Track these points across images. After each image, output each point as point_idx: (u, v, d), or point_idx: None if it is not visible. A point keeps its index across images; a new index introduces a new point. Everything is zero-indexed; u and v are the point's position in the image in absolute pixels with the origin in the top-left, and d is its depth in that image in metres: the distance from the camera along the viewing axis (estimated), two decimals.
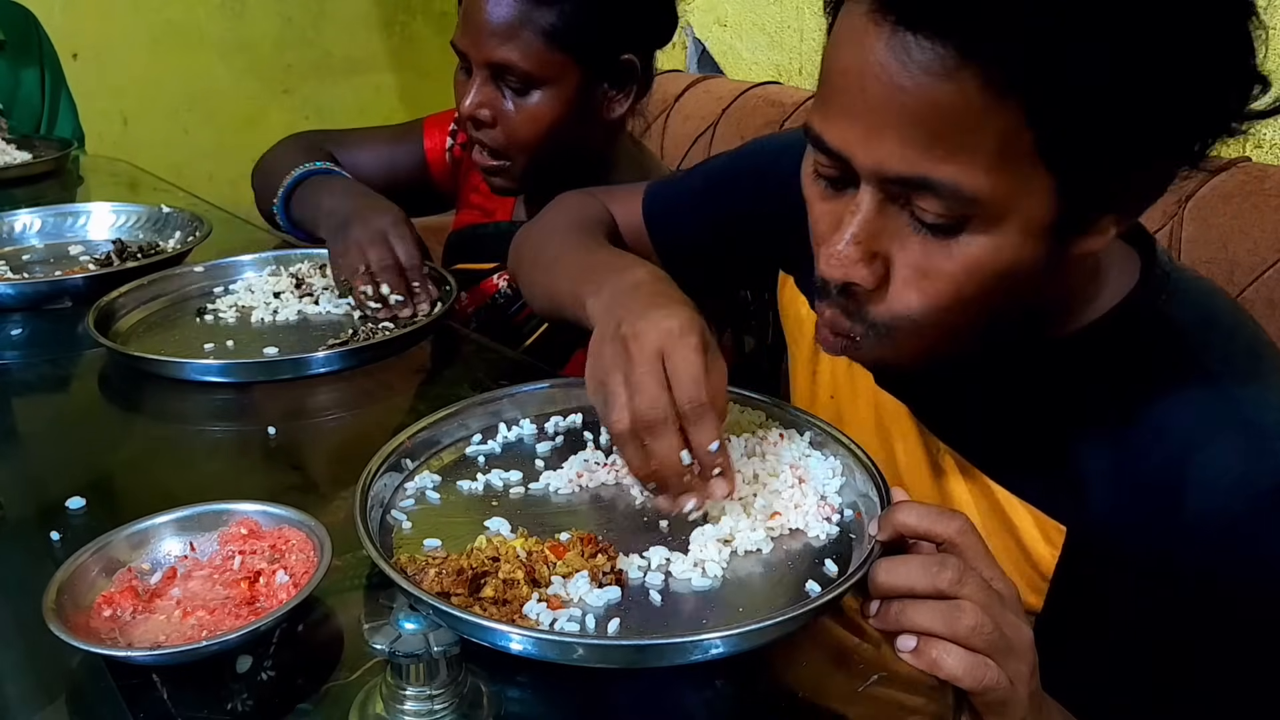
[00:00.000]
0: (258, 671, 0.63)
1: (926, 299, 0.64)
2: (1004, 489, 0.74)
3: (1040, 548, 0.72)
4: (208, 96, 2.95)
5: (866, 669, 0.64)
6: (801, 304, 0.94)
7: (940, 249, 0.62)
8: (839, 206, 0.66)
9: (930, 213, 0.61)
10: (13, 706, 0.65)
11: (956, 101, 0.57)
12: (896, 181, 0.61)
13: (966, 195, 0.59)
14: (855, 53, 0.60)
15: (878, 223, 0.64)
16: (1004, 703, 0.61)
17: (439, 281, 1.19)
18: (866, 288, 0.65)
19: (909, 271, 0.64)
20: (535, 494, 0.79)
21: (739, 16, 2.17)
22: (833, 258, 0.65)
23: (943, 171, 0.59)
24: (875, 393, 0.85)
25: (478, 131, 1.19)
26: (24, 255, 1.41)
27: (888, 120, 0.60)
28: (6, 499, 0.84)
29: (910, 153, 0.60)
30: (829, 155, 0.64)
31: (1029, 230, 0.61)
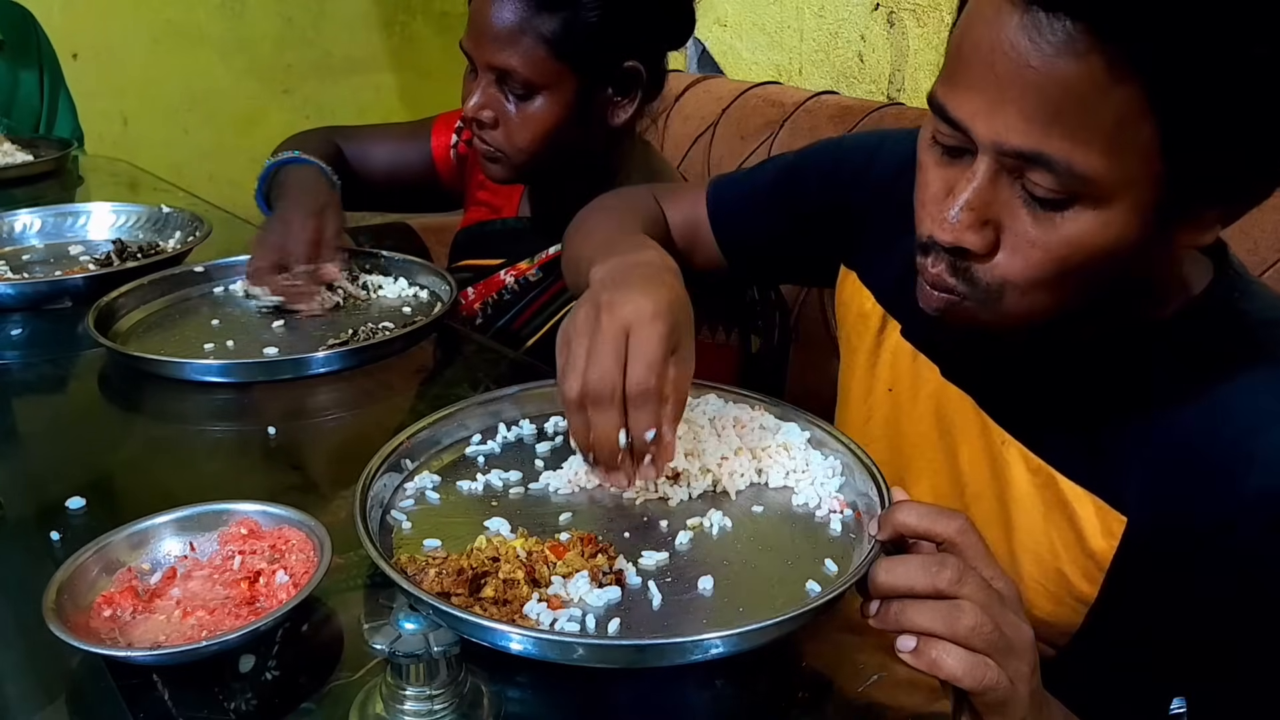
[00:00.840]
0: (258, 671, 0.63)
1: (1030, 268, 0.66)
2: (1068, 479, 0.75)
3: (1100, 538, 0.73)
4: (208, 96, 2.95)
5: (866, 669, 0.64)
6: (865, 298, 0.95)
7: (1047, 222, 0.65)
8: (953, 174, 0.68)
9: (1041, 187, 0.63)
10: (13, 706, 0.65)
11: (1082, 82, 0.59)
12: (1013, 155, 0.63)
13: (1079, 174, 0.61)
14: (987, 29, 0.62)
15: (990, 192, 0.66)
16: (1004, 702, 0.61)
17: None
18: (975, 252, 0.67)
19: (1016, 240, 0.66)
20: (535, 494, 0.79)
21: (739, 16, 2.17)
22: (945, 222, 0.67)
23: (1059, 149, 0.61)
24: (940, 385, 0.86)
25: (480, 131, 1.20)
26: (24, 255, 1.41)
27: (1012, 95, 0.62)
28: (6, 499, 0.84)
29: (1030, 128, 0.62)
30: (950, 125, 0.66)
31: (1135, 213, 0.63)
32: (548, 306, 1.27)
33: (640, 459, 0.73)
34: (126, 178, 1.93)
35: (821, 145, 1.04)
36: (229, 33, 2.95)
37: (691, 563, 0.70)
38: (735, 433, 0.82)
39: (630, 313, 0.72)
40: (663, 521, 0.75)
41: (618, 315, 0.72)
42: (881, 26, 1.87)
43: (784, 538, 0.73)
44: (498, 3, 1.13)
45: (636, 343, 0.71)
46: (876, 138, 0.98)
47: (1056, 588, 0.75)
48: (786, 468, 0.79)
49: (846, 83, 1.95)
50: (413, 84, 3.27)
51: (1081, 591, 0.74)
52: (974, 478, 0.82)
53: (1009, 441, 0.79)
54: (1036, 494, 0.77)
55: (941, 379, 0.86)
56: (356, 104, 3.19)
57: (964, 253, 0.68)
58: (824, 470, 0.79)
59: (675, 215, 1.07)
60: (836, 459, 0.80)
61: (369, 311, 1.19)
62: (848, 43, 1.94)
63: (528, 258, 1.29)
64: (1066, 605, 0.75)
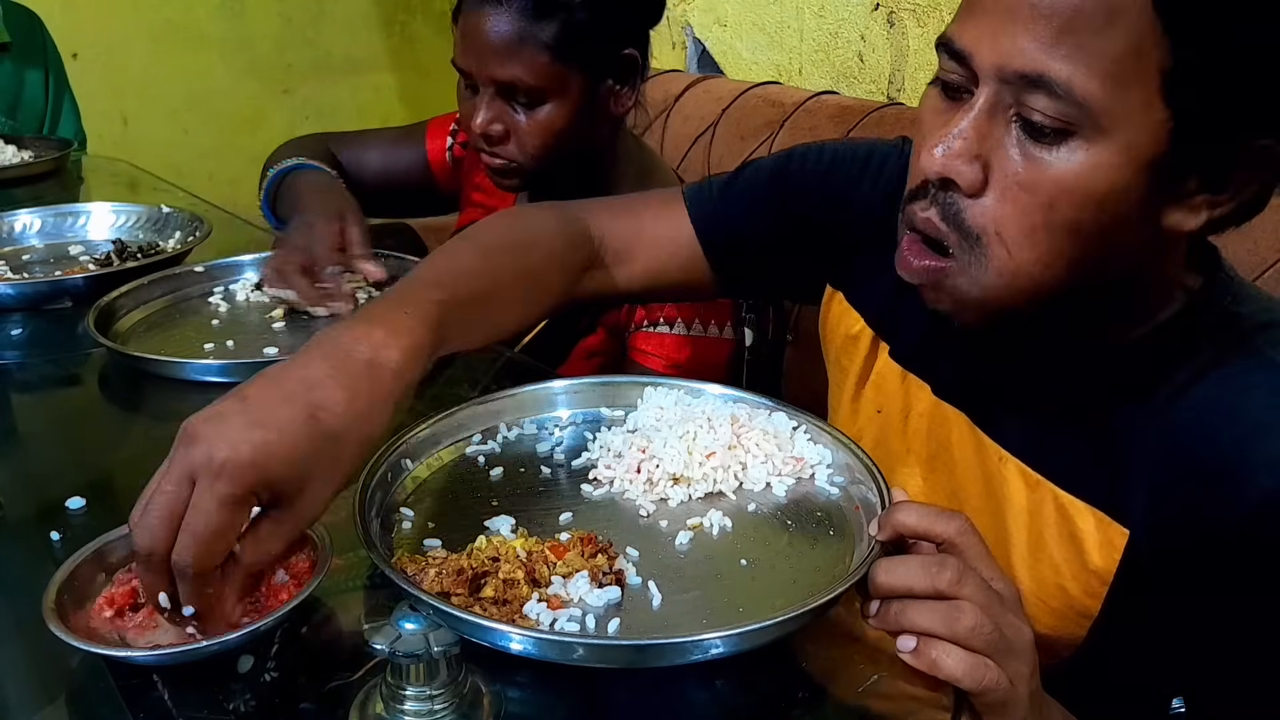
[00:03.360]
0: (258, 672, 0.63)
1: (1018, 213, 0.65)
2: (1068, 494, 0.74)
3: (1101, 551, 0.72)
4: (208, 96, 2.95)
5: (866, 669, 0.64)
6: (853, 321, 0.94)
7: (1040, 159, 0.64)
8: (951, 109, 0.68)
9: (1038, 112, 0.63)
10: (13, 706, 0.65)
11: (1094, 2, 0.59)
12: (1015, 79, 0.63)
13: (1078, 98, 0.61)
14: None
15: (985, 125, 0.66)
16: (1004, 703, 0.61)
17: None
18: (963, 186, 0.67)
19: (1006, 182, 0.66)
20: (535, 493, 0.79)
21: (739, 16, 2.17)
22: (935, 150, 0.67)
23: (1060, 70, 0.61)
24: (933, 405, 0.85)
25: (491, 147, 1.19)
26: (24, 255, 1.41)
27: (1021, 14, 0.62)
28: (6, 499, 0.84)
29: (1034, 47, 0.61)
30: (954, 57, 0.66)
31: (1129, 158, 0.62)
32: None
33: None
34: (126, 178, 1.93)
35: (807, 153, 0.98)
36: (229, 33, 2.95)
37: (691, 563, 0.70)
38: (734, 432, 0.82)
39: (198, 455, 0.61)
40: (663, 521, 0.75)
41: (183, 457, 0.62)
42: (881, 26, 1.87)
43: (784, 537, 0.73)
44: (493, 17, 1.13)
45: (191, 508, 0.60)
46: (864, 149, 0.95)
47: (1058, 603, 0.75)
48: (786, 468, 0.79)
49: (846, 83, 1.95)
50: (413, 84, 3.27)
51: (1084, 606, 0.73)
52: (970, 496, 0.81)
53: (1006, 458, 0.78)
54: (1035, 510, 0.76)
55: (934, 398, 0.85)
56: (356, 104, 3.19)
57: (952, 189, 0.67)
58: (824, 470, 0.79)
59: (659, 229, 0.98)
60: (837, 459, 0.80)
61: None
62: (848, 43, 1.94)
63: None
64: (1069, 620, 0.74)
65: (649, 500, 0.77)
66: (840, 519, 0.75)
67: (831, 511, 0.76)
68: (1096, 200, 0.64)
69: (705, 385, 0.88)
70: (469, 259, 0.86)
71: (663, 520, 0.75)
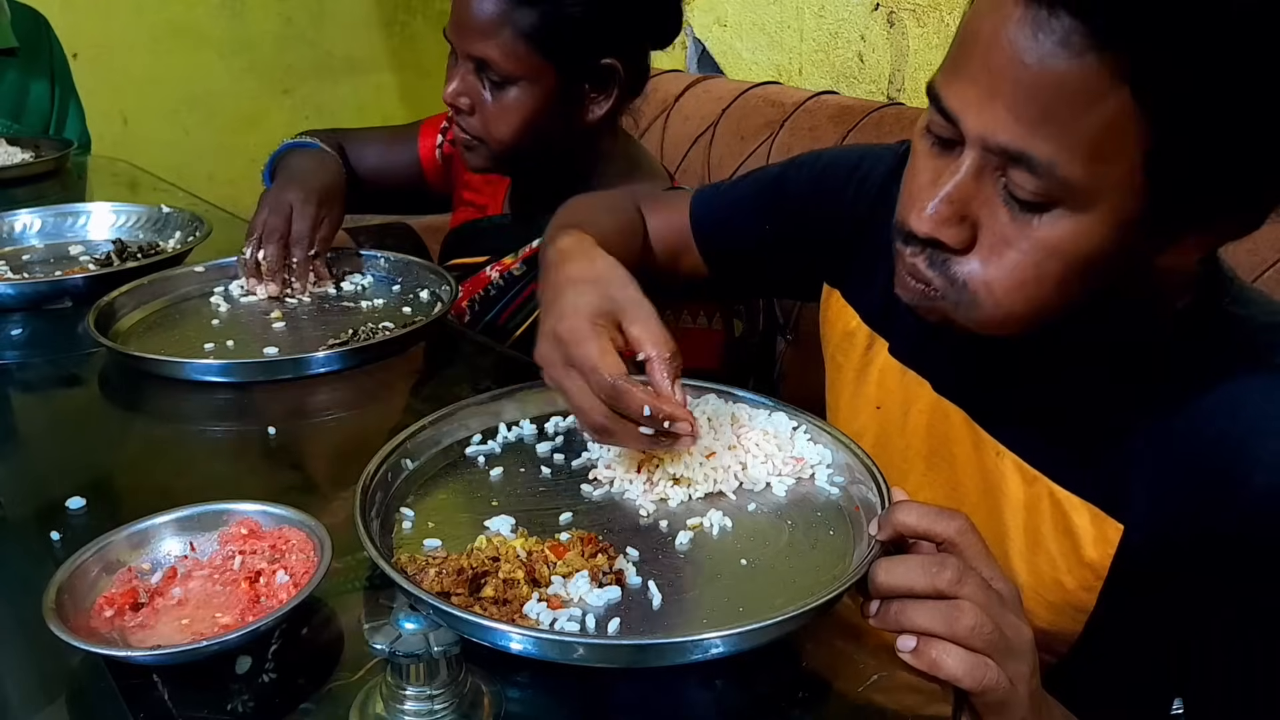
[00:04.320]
0: (258, 672, 0.63)
1: (1004, 270, 0.66)
2: (1064, 489, 0.75)
3: (1096, 546, 0.73)
4: (208, 96, 2.95)
5: (866, 669, 0.64)
6: (850, 317, 0.95)
7: (1024, 223, 0.64)
8: (940, 165, 0.68)
9: (1022, 188, 0.63)
10: (13, 706, 0.65)
11: (1075, 84, 0.59)
12: (999, 151, 0.63)
13: (1061, 178, 0.61)
14: (988, 20, 0.62)
15: (972, 187, 0.66)
16: (1004, 703, 0.61)
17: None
18: (952, 245, 0.67)
19: (993, 239, 0.66)
20: (535, 493, 0.79)
21: (739, 16, 2.17)
22: (924, 213, 0.67)
23: (1044, 150, 0.61)
24: (932, 401, 0.85)
25: (457, 116, 1.23)
26: (24, 255, 1.41)
27: (1004, 90, 0.62)
28: (6, 499, 0.84)
29: (1019, 126, 0.61)
30: (943, 114, 0.66)
31: (1112, 226, 0.63)
32: (533, 298, 1.28)
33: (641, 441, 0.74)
34: (126, 178, 1.93)
35: (804, 160, 1.03)
36: (229, 33, 2.95)
37: (691, 563, 0.70)
38: (734, 432, 0.82)
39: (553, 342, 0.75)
40: (663, 522, 0.75)
41: (555, 348, 0.75)
42: (881, 26, 1.87)
43: (783, 537, 0.73)
44: None
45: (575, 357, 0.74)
46: (856, 155, 0.97)
47: (1055, 597, 0.75)
48: (786, 467, 0.79)
49: (846, 83, 1.95)
50: (413, 84, 3.27)
51: (1080, 600, 0.74)
52: (968, 492, 0.82)
53: (1003, 453, 0.79)
54: (1032, 505, 0.76)
55: (933, 394, 0.85)
56: (356, 104, 3.19)
57: (940, 245, 0.68)
58: (824, 470, 0.79)
59: (658, 223, 1.06)
60: (837, 459, 0.80)
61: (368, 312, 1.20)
62: (848, 43, 1.94)
63: (511, 252, 1.30)
64: (1066, 615, 0.75)
65: (649, 500, 0.77)
66: (840, 519, 0.75)
67: (831, 511, 0.76)
68: (1084, 259, 0.64)
69: (705, 385, 0.88)
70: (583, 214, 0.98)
71: (663, 520, 0.75)
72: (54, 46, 2.20)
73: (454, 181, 1.47)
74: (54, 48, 2.19)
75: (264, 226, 1.20)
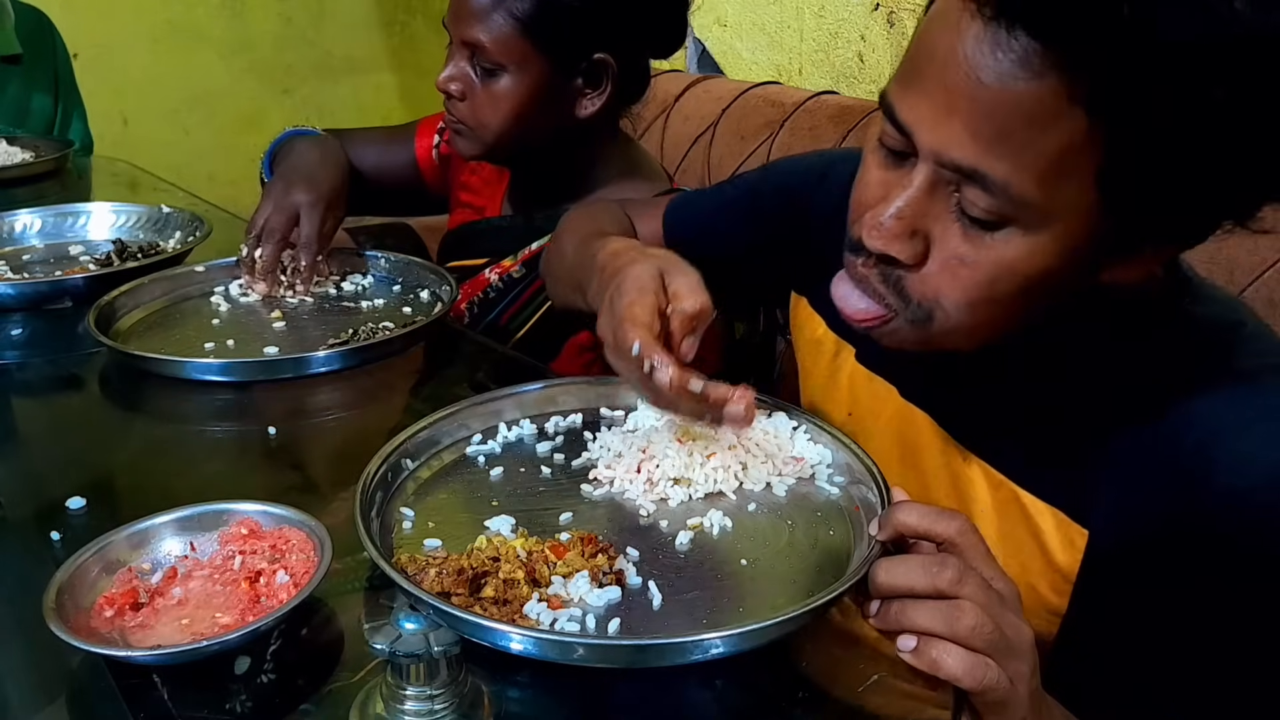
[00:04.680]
0: (258, 672, 0.63)
1: (959, 286, 0.66)
2: (1030, 494, 0.75)
3: (1063, 551, 0.73)
4: (208, 96, 2.95)
5: (866, 669, 0.64)
6: (817, 324, 0.95)
7: (977, 240, 0.64)
8: (892, 178, 0.67)
9: (975, 206, 0.63)
10: (13, 706, 0.65)
11: (1032, 104, 0.58)
12: (952, 168, 0.63)
13: (1015, 197, 0.61)
14: (946, 35, 0.61)
15: (924, 203, 0.65)
16: (1004, 703, 0.61)
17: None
18: (904, 260, 0.67)
19: (946, 255, 0.65)
20: (535, 493, 0.79)
21: (739, 16, 2.16)
22: (876, 228, 0.66)
23: (998, 169, 0.60)
24: (900, 406, 0.85)
25: (449, 102, 1.23)
26: (24, 255, 1.41)
27: (960, 107, 0.61)
28: (6, 499, 0.84)
29: (974, 143, 0.61)
30: (896, 127, 0.65)
31: (1065, 244, 0.63)
32: (532, 301, 1.28)
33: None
34: (126, 178, 1.93)
35: (774, 168, 1.04)
36: (229, 33, 2.95)
37: (691, 563, 0.70)
38: (734, 432, 0.82)
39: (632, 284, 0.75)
40: (663, 521, 0.75)
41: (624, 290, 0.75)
42: (881, 26, 1.87)
43: (783, 538, 0.73)
44: None
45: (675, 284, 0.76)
46: (824, 162, 0.97)
47: (1029, 601, 0.74)
48: (786, 467, 0.79)
49: (846, 83, 1.95)
50: (413, 84, 3.27)
51: (1052, 604, 0.74)
52: (938, 496, 0.82)
53: (970, 458, 0.79)
54: (1001, 509, 0.76)
55: (900, 400, 0.85)
56: (356, 104, 3.19)
57: (892, 261, 0.67)
58: (824, 470, 0.79)
59: (644, 231, 1.07)
60: (837, 459, 0.80)
61: (368, 312, 1.20)
62: (848, 43, 1.94)
63: (510, 255, 1.30)
64: (1040, 618, 0.75)
65: (649, 500, 0.77)
66: (840, 519, 0.75)
67: (831, 511, 0.76)
68: (1037, 277, 0.64)
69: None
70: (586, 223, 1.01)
71: (663, 520, 0.75)
72: (58, 49, 2.19)
73: (451, 182, 1.47)
74: (58, 50, 2.19)
75: (265, 225, 1.19)
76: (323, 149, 1.32)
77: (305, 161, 1.27)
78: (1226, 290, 0.77)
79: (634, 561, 0.69)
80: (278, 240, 1.19)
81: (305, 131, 1.39)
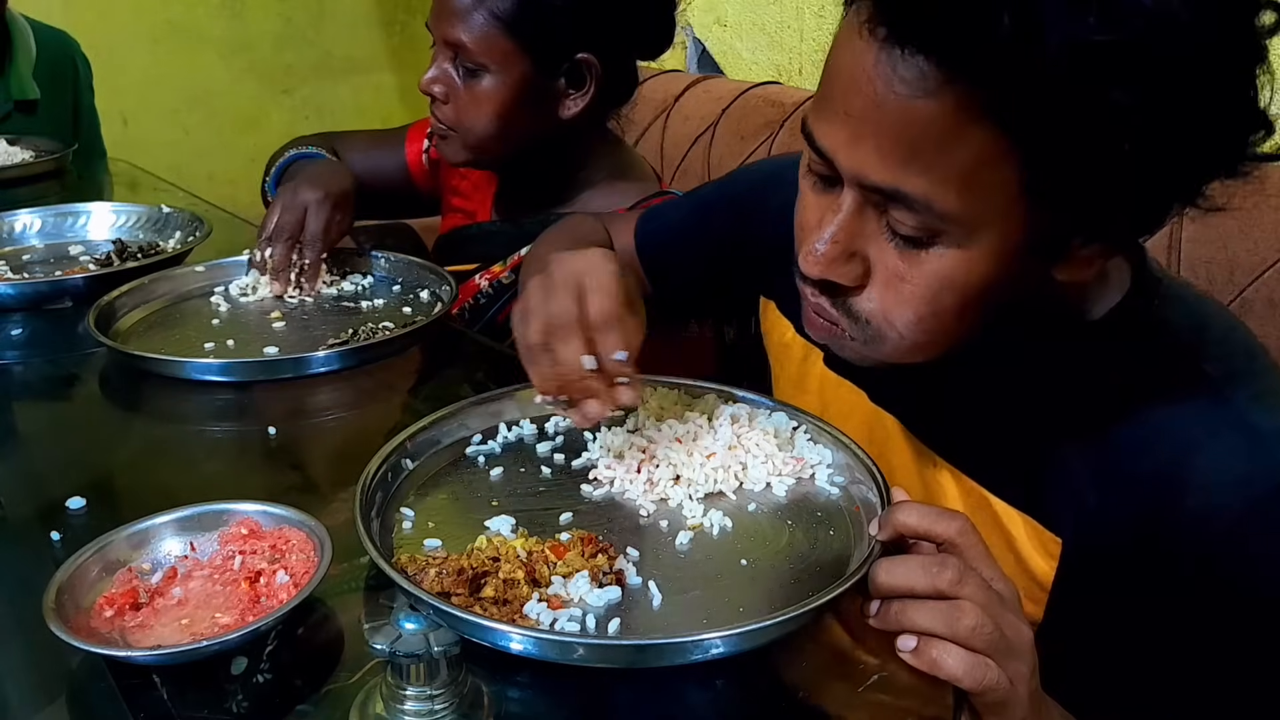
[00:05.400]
0: (258, 672, 0.63)
1: (902, 303, 0.66)
2: (1000, 500, 0.75)
3: (1037, 559, 0.73)
4: (208, 96, 2.95)
5: (866, 669, 0.64)
6: (785, 328, 0.95)
7: (912, 258, 0.64)
8: (825, 203, 0.68)
9: (903, 224, 0.63)
10: (13, 706, 0.65)
11: (935, 119, 0.58)
12: (874, 189, 0.63)
13: (938, 212, 0.61)
14: (848, 60, 0.62)
15: (856, 225, 0.65)
16: (1004, 703, 0.61)
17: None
18: (846, 284, 0.67)
19: (886, 274, 0.66)
20: (535, 493, 0.79)
21: (739, 16, 2.17)
22: (811, 255, 0.67)
23: (916, 186, 0.60)
24: (870, 411, 0.86)
25: (433, 105, 1.23)
26: (24, 255, 1.41)
27: (868, 130, 0.61)
28: (6, 499, 0.84)
29: (887, 164, 0.61)
30: (818, 153, 0.66)
31: (1000, 251, 0.63)
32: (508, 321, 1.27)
33: (608, 381, 0.74)
34: (126, 178, 1.93)
35: (731, 177, 1.05)
36: (229, 33, 2.95)
37: (691, 563, 0.70)
38: (734, 432, 0.82)
39: (580, 262, 0.75)
40: (663, 522, 0.75)
41: (568, 265, 0.75)
42: None
43: (783, 538, 0.73)
44: None
45: (592, 283, 0.74)
46: (776, 166, 0.97)
47: None
48: (786, 467, 0.79)
49: None
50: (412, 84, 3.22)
51: (1028, 612, 0.73)
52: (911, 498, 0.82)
53: (940, 464, 0.79)
54: (972, 515, 0.75)
55: (870, 404, 0.85)
56: (356, 104, 3.19)
57: (835, 286, 0.68)
58: (824, 470, 0.79)
59: (619, 243, 1.08)
60: (837, 459, 0.80)
61: (368, 312, 1.20)
62: None
63: (500, 260, 1.30)
64: None
65: (649, 500, 0.77)
66: (840, 519, 0.75)
67: (831, 511, 0.76)
68: (977, 287, 0.64)
69: (705, 385, 0.88)
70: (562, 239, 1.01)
71: (663, 520, 0.75)
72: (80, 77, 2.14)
73: (442, 186, 1.47)
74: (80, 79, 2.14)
75: (275, 225, 1.19)
76: (330, 162, 1.33)
77: (312, 170, 1.28)
78: (1195, 288, 0.76)
79: (634, 561, 0.69)
80: (287, 238, 1.19)
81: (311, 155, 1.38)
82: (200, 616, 0.66)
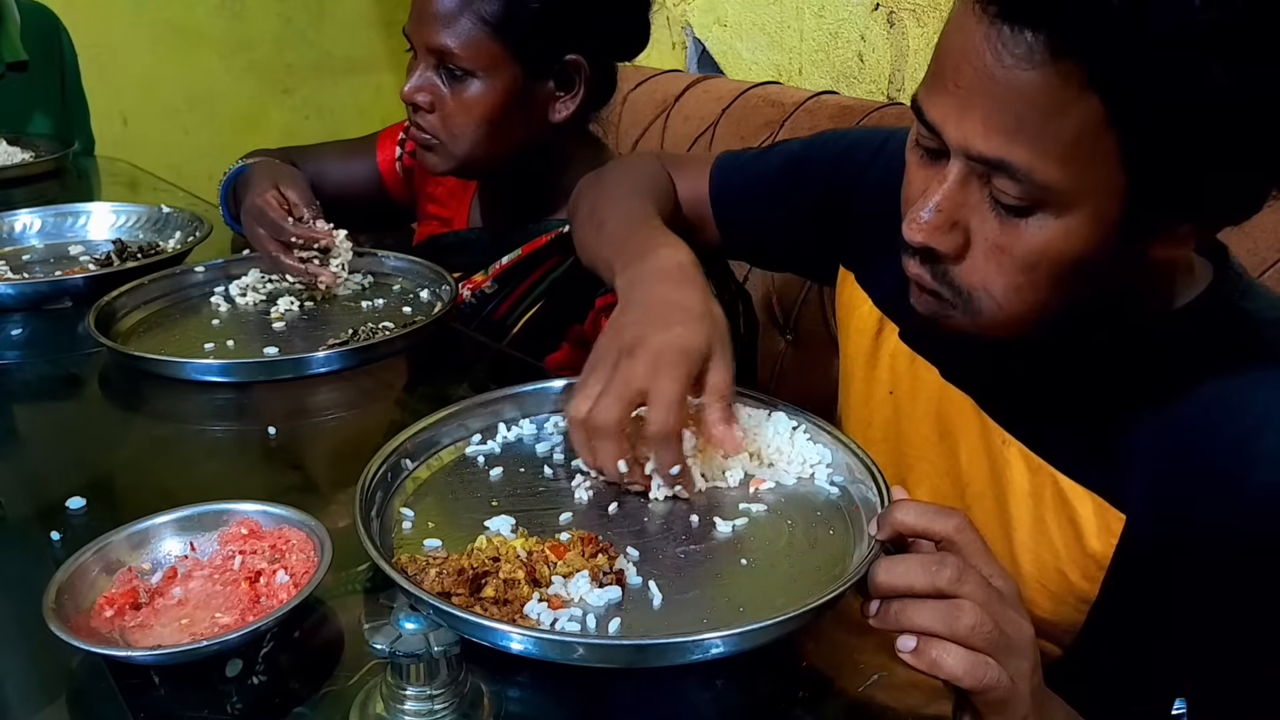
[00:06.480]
0: (258, 672, 0.63)
1: (1001, 273, 0.68)
2: (1068, 478, 0.75)
3: (1099, 536, 0.73)
4: (208, 96, 2.95)
5: (867, 669, 0.64)
6: (863, 301, 0.95)
7: (1013, 228, 0.66)
8: (930, 175, 0.70)
9: (1006, 194, 0.65)
10: (13, 706, 0.65)
11: (1042, 94, 0.61)
12: (979, 160, 0.65)
13: (1040, 183, 0.63)
14: (959, 37, 0.65)
15: (960, 195, 0.68)
16: (1005, 701, 0.60)
17: None
18: (946, 253, 0.69)
19: (986, 244, 0.68)
20: (535, 493, 0.79)
21: (739, 16, 2.16)
22: (915, 222, 0.69)
23: (1021, 157, 0.63)
24: (940, 387, 0.86)
25: (416, 115, 1.20)
26: (24, 255, 1.41)
27: (977, 103, 0.64)
28: (6, 499, 0.84)
29: (994, 136, 0.63)
30: (927, 127, 0.68)
31: (1098, 224, 0.64)
32: (505, 318, 1.26)
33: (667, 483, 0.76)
34: (126, 178, 1.93)
35: (827, 137, 1.04)
36: (229, 33, 2.95)
37: (691, 563, 0.70)
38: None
39: (650, 359, 0.74)
40: (663, 521, 0.75)
41: (638, 360, 0.74)
42: (881, 26, 1.87)
43: (783, 538, 0.73)
44: None
45: (656, 388, 0.73)
46: (881, 136, 0.98)
47: (1058, 587, 0.75)
48: (787, 468, 0.79)
49: (846, 83, 1.95)
50: None
51: (1082, 590, 0.74)
52: (975, 478, 0.82)
53: (1009, 441, 0.79)
54: (1037, 493, 0.77)
55: (941, 381, 0.86)
56: (356, 104, 3.19)
57: (935, 255, 0.70)
58: (824, 470, 0.79)
59: (685, 188, 1.07)
60: (837, 458, 0.80)
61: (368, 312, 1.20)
62: (848, 43, 1.94)
63: (482, 270, 1.28)
64: (1068, 605, 0.75)
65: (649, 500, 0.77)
66: (840, 519, 0.75)
67: (831, 511, 0.76)
68: (1074, 260, 0.66)
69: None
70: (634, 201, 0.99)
71: (663, 520, 0.75)
72: (65, 50, 2.16)
73: (417, 193, 1.44)
74: (65, 52, 2.16)
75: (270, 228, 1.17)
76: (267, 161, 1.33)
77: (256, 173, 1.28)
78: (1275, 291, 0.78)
79: (634, 561, 0.69)
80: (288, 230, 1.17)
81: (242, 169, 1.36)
82: (200, 616, 0.66)
